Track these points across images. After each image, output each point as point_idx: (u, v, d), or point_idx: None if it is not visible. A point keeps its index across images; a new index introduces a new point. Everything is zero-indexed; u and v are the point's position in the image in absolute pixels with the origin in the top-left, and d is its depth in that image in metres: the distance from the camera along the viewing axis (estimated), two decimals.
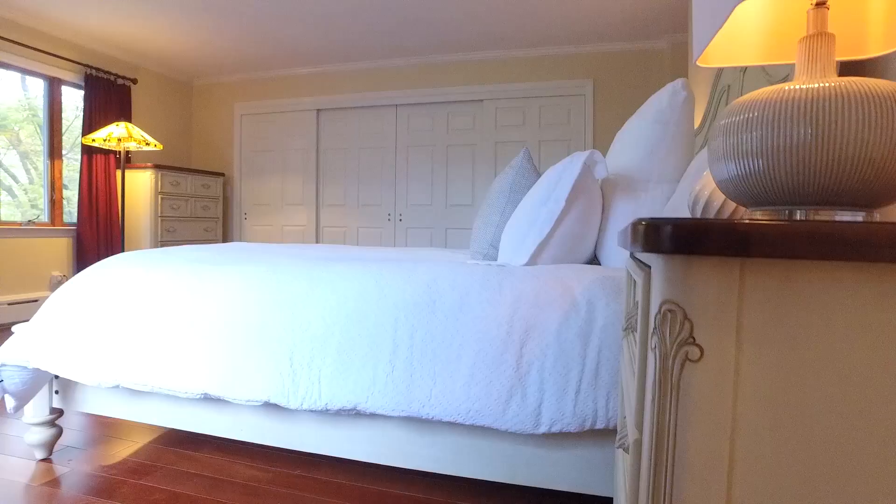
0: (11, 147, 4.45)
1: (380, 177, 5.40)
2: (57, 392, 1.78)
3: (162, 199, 4.93)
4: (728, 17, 0.71)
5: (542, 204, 1.51)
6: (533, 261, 1.50)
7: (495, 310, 1.31)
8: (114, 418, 2.15)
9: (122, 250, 4.52)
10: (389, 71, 5.32)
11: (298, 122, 5.64)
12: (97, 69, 4.79)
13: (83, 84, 4.73)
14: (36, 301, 4.35)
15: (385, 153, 5.38)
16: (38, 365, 1.62)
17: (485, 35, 4.56)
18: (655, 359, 0.55)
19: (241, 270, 1.61)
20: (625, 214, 1.50)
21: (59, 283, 4.56)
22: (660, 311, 0.55)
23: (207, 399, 1.54)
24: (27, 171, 4.64)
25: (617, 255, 1.51)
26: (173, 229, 5.05)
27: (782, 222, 0.48)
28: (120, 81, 5.04)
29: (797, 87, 0.68)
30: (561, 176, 1.50)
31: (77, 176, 4.78)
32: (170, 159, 5.73)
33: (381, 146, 5.40)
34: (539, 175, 1.89)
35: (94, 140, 4.20)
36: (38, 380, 1.71)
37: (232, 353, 1.46)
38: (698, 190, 1.03)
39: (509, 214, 1.86)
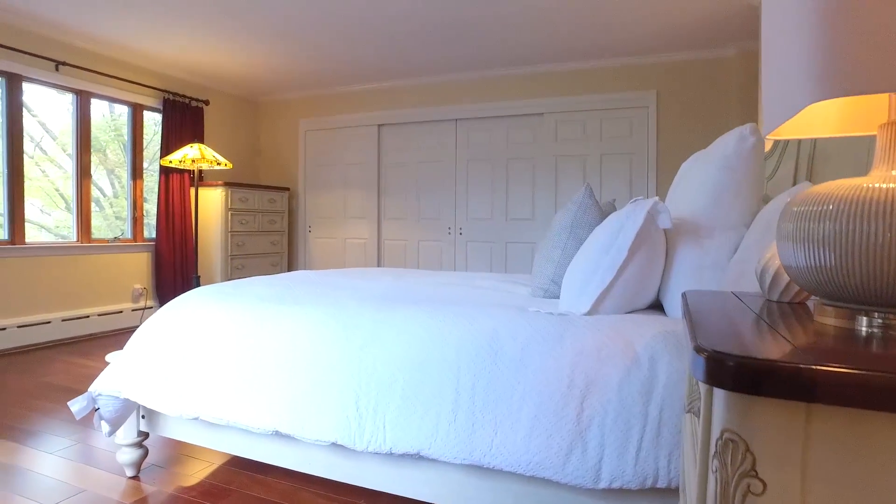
0: (100, 164, 4.81)
1: (440, 191, 5.45)
2: (143, 417, 1.93)
3: (232, 214, 5.18)
4: (798, 112, 0.69)
5: (605, 252, 1.50)
6: (595, 309, 1.49)
7: (556, 363, 1.32)
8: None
9: (196, 265, 4.78)
10: (449, 86, 5.37)
11: (360, 136, 5.78)
12: (174, 94, 5.10)
13: (161, 108, 5.05)
14: (121, 312, 4.68)
15: (445, 167, 5.43)
16: (128, 396, 1.75)
17: (544, 47, 4.52)
18: (716, 483, 0.55)
19: (306, 312, 1.69)
20: (690, 262, 1.47)
21: (140, 295, 4.88)
22: (721, 437, 0.55)
23: (278, 434, 1.62)
24: (112, 184, 5.01)
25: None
26: (242, 243, 5.30)
27: (853, 371, 0.47)
28: (194, 104, 5.34)
29: (877, 185, 0.66)
30: (624, 224, 1.49)
31: (156, 187, 5.10)
32: (238, 174, 6.01)
33: (441, 160, 5.45)
34: (601, 211, 1.88)
35: (170, 162, 4.48)
36: (129, 407, 1.86)
37: (300, 394, 1.53)
38: (768, 259, 1.00)
39: (571, 251, 1.85)
